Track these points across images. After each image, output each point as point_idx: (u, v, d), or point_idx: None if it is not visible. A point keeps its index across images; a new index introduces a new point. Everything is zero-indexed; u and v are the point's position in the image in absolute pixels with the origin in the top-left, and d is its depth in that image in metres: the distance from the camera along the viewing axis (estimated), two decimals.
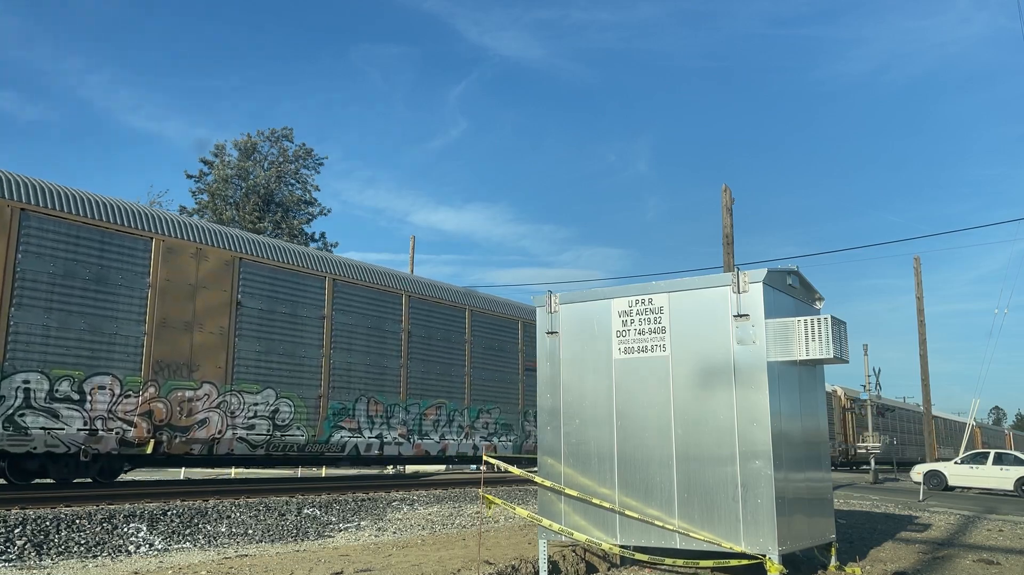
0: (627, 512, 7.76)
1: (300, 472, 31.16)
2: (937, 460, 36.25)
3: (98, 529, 9.44)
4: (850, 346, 8.31)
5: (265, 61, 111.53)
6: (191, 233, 15.48)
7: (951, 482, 27.97)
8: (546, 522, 8.13)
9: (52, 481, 14.10)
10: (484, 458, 8.44)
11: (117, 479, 15.58)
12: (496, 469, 8.72)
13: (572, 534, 8.00)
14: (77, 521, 9.47)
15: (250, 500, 12.16)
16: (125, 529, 9.68)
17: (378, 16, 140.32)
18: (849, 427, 44.07)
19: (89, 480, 14.61)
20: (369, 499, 13.53)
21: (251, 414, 15.88)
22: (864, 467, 41.28)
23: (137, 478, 21.62)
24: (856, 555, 9.63)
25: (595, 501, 7.93)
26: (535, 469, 8.59)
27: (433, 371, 20.34)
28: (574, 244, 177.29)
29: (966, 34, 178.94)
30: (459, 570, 7.38)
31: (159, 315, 14.49)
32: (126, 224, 14.35)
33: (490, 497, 8.47)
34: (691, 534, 7.41)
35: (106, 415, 13.54)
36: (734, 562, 7.29)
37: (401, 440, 19.03)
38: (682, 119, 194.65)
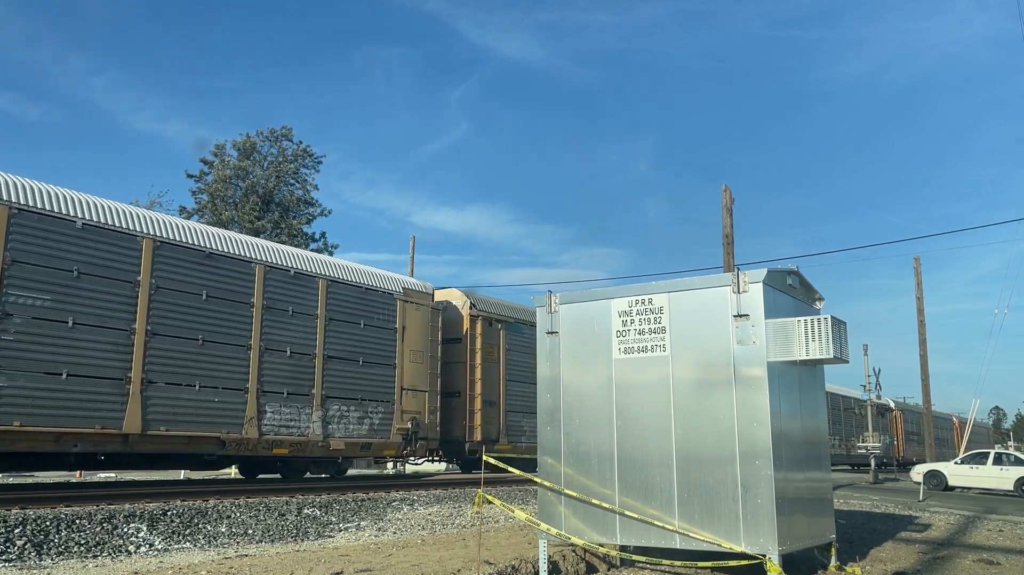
0: (627, 512, 7.76)
1: None
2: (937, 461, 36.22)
3: (98, 529, 9.44)
4: (850, 346, 8.31)
5: (267, 63, 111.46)
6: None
7: (951, 482, 27.96)
8: (544, 526, 8.13)
9: (55, 481, 14.11)
10: (484, 458, 8.43)
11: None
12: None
13: (570, 539, 8.00)
14: (77, 521, 9.47)
15: (250, 500, 12.15)
16: (125, 529, 9.67)
17: (380, 18, 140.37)
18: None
19: (79, 479, 14.75)
20: (369, 499, 13.53)
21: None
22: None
23: (137, 478, 21.62)
24: (856, 555, 9.63)
25: (595, 502, 7.93)
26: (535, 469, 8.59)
27: None
28: (575, 244, 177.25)
29: (966, 34, 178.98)
30: (459, 570, 7.38)
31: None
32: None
33: (491, 498, 8.47)
34: (691, 534, 7.41)
35: None
36: (733, 562, 7.29)
37: None
38: (682, 119, 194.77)
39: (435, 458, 22.34)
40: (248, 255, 15.99)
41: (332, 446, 16.96)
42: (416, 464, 23.51)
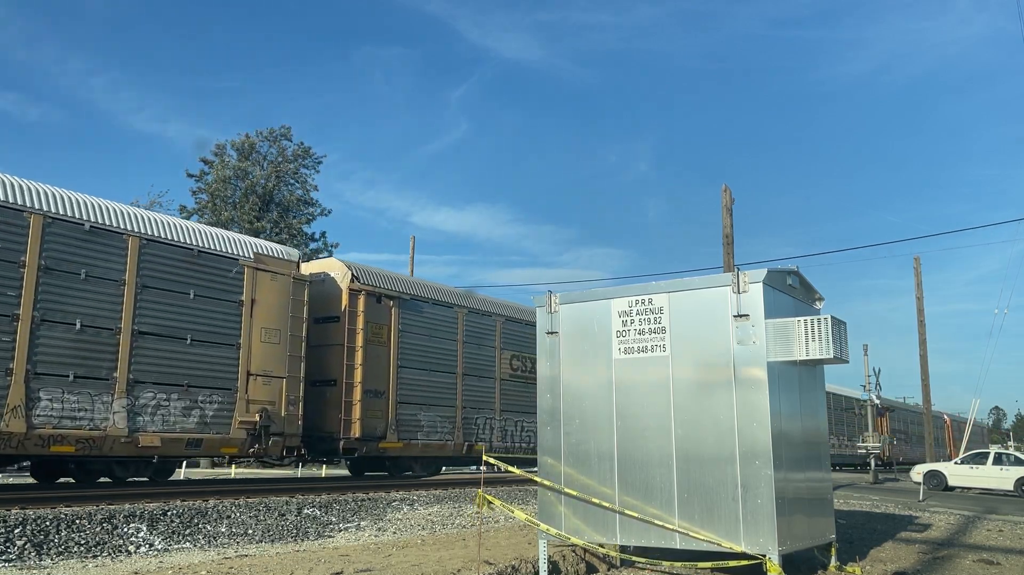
0: (627, 512, 7.76)
1: (300, 472, 31.20)
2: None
3: (98, 529, 9.44)
4: (850, 346, 8.31)
5: (267, 63, 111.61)
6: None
7: (951, 482, 27.95)
8: (544, 526, 8.13)
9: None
10: (484, 457, 8.43)
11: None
12: (496, 469, 8.72)
13: (570, 538, 8.00)
14: (77, 521, 9.47)
15: (250, 500, 12.16)
16: (125, 529, 9.67)
17: (380, 18, 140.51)
18: None
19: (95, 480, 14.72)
20: (369, 499, 13.54)
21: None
22: None
23: (138, 478, 21.58)
24: (856, 555, 9.63)
25: (595, 501, 7.93)
26: (535, 469, 8.59)
27: None
28: (575, 245, 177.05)
29: (966, 35, 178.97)
30: (459, 570, 7.38)
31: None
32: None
33: (491, 498, 8.47)
34: (691, 534, 7.41)
35: None
36: (733, 563, 7.29)
37: None
38: (682, 119, 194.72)
39: (299, 456, 18.09)
40: (18, 202, 12.76)
41: (143, 443, 13.80)
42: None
